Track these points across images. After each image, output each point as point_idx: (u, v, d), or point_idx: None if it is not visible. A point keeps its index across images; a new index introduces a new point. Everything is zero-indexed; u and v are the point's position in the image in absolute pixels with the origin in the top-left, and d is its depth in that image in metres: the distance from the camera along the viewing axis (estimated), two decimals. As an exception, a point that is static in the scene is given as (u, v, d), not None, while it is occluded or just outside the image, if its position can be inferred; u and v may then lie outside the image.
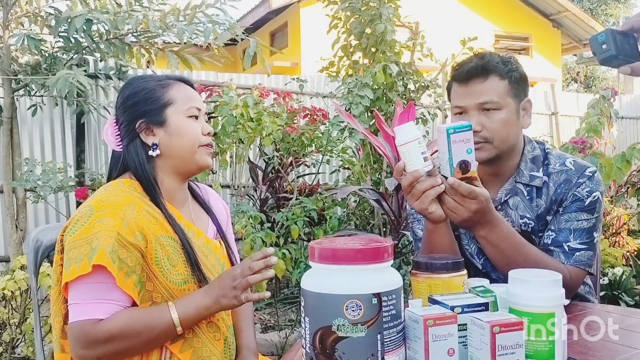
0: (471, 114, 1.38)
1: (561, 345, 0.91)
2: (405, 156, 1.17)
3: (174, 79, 1.33)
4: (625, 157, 3.50)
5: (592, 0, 20.86)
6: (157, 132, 1.28)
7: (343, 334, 0.83)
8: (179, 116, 1.28)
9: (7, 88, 3.42)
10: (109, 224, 1.15)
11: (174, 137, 1.27)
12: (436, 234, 1.28)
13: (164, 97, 1.29)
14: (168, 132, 1.27)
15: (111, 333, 1.11)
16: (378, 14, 3.42)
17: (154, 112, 1.27)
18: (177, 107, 1.28)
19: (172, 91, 1.30)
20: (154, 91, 1.29)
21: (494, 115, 1.37)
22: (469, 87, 1.38)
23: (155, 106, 1.28)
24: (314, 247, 0.88)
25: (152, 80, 1.32)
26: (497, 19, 11.45)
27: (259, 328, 3.45)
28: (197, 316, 1.19)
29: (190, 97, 1.32)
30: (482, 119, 1.36)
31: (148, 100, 1.28)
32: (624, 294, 3.49)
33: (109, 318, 1.12)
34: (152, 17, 3.30)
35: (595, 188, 1.39)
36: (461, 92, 1.40)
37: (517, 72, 1.41)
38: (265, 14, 10.17)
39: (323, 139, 3.71)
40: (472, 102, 1.37)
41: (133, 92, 1.30)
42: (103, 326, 1.11)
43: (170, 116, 1.28)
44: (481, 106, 1.37)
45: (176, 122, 1.27)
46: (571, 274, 1.34)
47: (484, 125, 1.36)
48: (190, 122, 1.29)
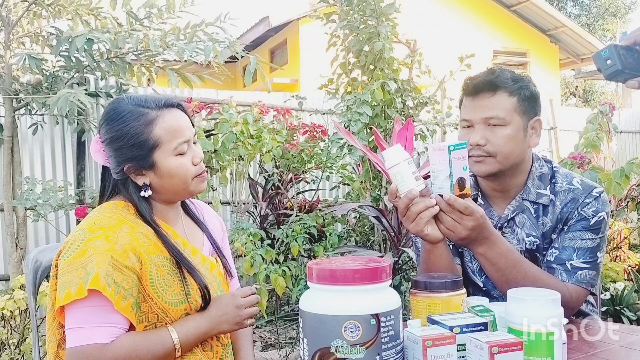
0: (477, 127, 1.39)
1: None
2: (396, 178, 1.17)
3: (156, 107, 1.24)
4: (624, 171, 3.50)
5: (589, 16, 21.02)
6: (147, 174, 1.25)
7: (342, 356, 0.83)
8: (167, 158, 1.23)
9: (8, 107, 3.44)
10: (102, 247, 1.14)
11: (165, 179, 1.25)
12: (434, 254, 1.28)
13: (149, 140, 1.22)
14: (158, 174, 1.25)
15: (117, 358, 1.11)
16: (376, 32, 3.45)
17: (141, 157, 1.23)
18: (164, 148, 1.23)
19: (157, 129, 1.22)
20: (137, 136, 1.21)
21: (498, 131, 1.38)
22: (477, 101, 1.39)
23: (141, 152, 1.22)
24: (312, 268, 0.88)
25: (133, 119, 1.22)
26: (495, 35, 11.53)
27: (259, 346, 3.42)
28: (196, 339, 1.22)
29: (177, 132, 1.24)
30: (487, 134, 1.38)
31: (133, 145, 1.22)
32: (626, 309, 3.46)
33: (114, 344, 1.12)
34: (153, 36, 3.34)
35: (602, 208, 1.39)
36: (469, 106, 1.42)
37: (528, 90, 1.41)
38: (264, 32, 10.24)
39: (322, 156, 3.72)
40: (478, 116, 1.39)
41: (117, 135, 1.23)
42: (109, 352, 1.11)
43: (158, 160, 1.23)
44: (487, 121, 1.38)
45: (165, 165, 1.23)
46: (572, 293, 1.33)
47: (488, 140, 1.37)
48: (179, 160, 1.24)
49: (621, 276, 3.79)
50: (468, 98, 1.42)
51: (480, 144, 1.37)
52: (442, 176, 1.16)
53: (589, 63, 13.03)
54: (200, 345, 1.27)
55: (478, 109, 1.39)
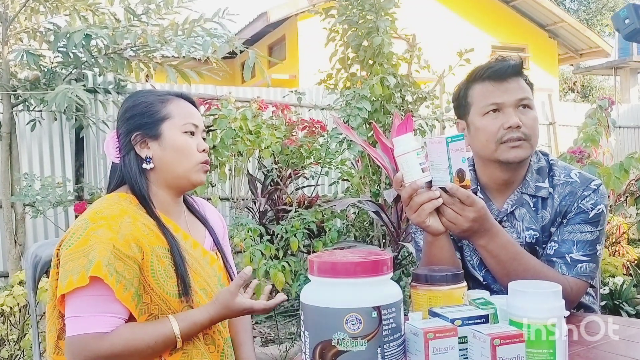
0: (507, 111, 1.36)
1: (562, 357, 0.91)
2: (403, 167, 1.17)
3: (174, 95, 1.35)
4: (623, 166, 3.50)
5: (587, 11, 21.02)
6: (151, 146, 1.28)
7: (343, 348, 0.82)
8: (174, 131, 1.29)
9: (6, 103, 3.43)
10: (104, 235, 1.15)
11: (167, 152, 1.28)
12: (435, 246, 1.28)
13: (162, 111, 1.29)
14: (162, 146, 1.28)
15: (114, 350, 1.11)
16: (375, 27, 3.45)
17: (149, 125, 1.28)
18: (173, 122, 1.29)
19: (171, 106, 1.31)
20: (152, 105, 1.30)
21: (529, 113, 1.38)
22: (505, 85, 1.37)
23: (151, 120, 1.29)
24: (313, 260, 0.88)
25: (152, 95, 1.33)
26: (494, 30, 11.52)
27: (259, 341, 3.43)
28: (197, 329, 1.21)
29: (188, 114, 1.32)
30: (520, 116, 1.36)
31: (145, 113, 1.29)
32: (625, 303, 3.47)
33: (113, 334, 1.12)
34: (151, 32, 3.32)
35: (600, 201, 1.39)
36: (495, 90, 1.38)
37: (529, 81, 1.43)
38: (263, 27, 10.21)
39: (322, 151, 3.71)
40: (510, 98, 1.36)
41: (132, 105, 1.31)
42: (107, 342, 1.11)
43: (166, 130, 1.28)
44: (519, 102, 1.36)
45: (171, 137, 1.28)
46: (572, 286, 1.33)
47: (523, 122, 1.35)
48: (185, 137, 1.29)
49: (620, 271, 3.80)
50: (492, 82, 1.38)
51: (517, 126, 1.34)
52: (441, 169, 1.16)
53: (588, 58, 13.04)
54: (202, 338, 1.27)
55: (509, 91, 1.37)
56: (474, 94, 1.42)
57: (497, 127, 1.36)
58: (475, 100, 1.41)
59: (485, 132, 1.38)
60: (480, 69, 1.42)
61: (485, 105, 1.38)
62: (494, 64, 1.40)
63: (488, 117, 1.38)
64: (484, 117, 1.39)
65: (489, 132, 1.37)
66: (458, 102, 1.48)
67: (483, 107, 1.39)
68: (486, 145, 1.39)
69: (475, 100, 1.41)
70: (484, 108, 1.39)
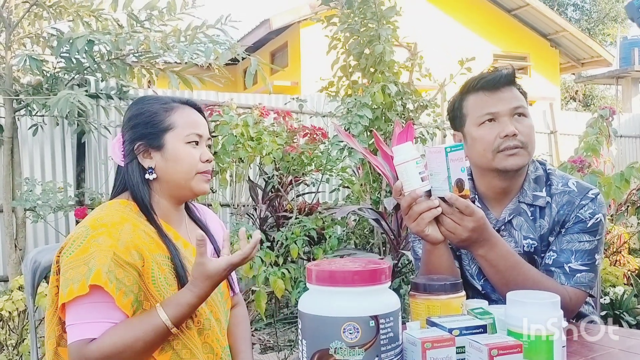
0: (502, 120, 1.37)
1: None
2: (402, 176, 1.18)
3: (180, 102, 1.33)
4: (624, 176, 3.49)
5: (589, 20, 21.07)
6: (154, 156, 1.28)
7: (340, 357, 0.82)
8: (177, 142, 1.28)
9: (8, 108, 3.44)
10: (105, 243, 1.15)
11: (170, 163, 1.27)
12: (434, 255, 1.28)
13: (165, 121, 1.28)
14: (165, 157, 1.27)
15: (102, 351, 1.10)
16: (377, 35, 3.46)
17: (153, 135, 1.28)
18: (176, 132, 1.28)
19: (175, 116, 1.29)
20: (155, 115, 1.29)
21: (524, 121, 1.38)
22: (499, 94, 1.38)
23: (154, 130, 1.28)
24: (312, 269, 0.88)
25: (157, 103, 1.31)
26: (495, 39, 11.55)
27: (258, 349, 3.42)
28: (188, 310, 1.17)
29: (192, 123, 1.31)
30: (516, 124, 1.37)
31: (149, 123, 1.28)
32: (626, 313, 3.46)
33: (100, 336, 1.12)
34: (153, 38, 3.34)
35: (598, 210, 1.38)
36: (489, 100, 1.39)
37: (522, 91, 1.44)
38: (265, 34, 10.25)
39: (322, 158, 3.71)
40: (505, 107, 1.37)
41: (136, 113, 1.31)
42: (94, 345, 1.11)
43: (169, 141, 1.27)
44: (514, 110, 1.37)
45: (173, 148, 1.27)
46: (571, 295, 1.33)
47: (519, 130, 1.36)
48: (188, 148, 1.28)
49: (621, 280, 3.79)
50: (485, 93, 1.39)
51: (516, 134, 1.35)
52: (440, 178, 1.17)
53: (589, 67, 13.06)
54: (200, 346, 1.26)
55: (503, 100, 1.38)
56: (468, 105, 1.43)
57: (494, 136, 1.37)
58: (471, 111, 1.42)
59: (482, 142, 1.39)
60: (474, 80, 1.43)
61: (481, 115, 1.39)
62: (486, 75, 1.42)
63: (484, 127, 1.39)
64: (480, 127, 1.39)
65: (485, 141, 1.38)
66: (453, 114, 1.48)
67: (478, 118, 1.40)
68: (483, 155, 1.39)
69: (470, 111, 1.42)
70: (480, 118, 1.39)
